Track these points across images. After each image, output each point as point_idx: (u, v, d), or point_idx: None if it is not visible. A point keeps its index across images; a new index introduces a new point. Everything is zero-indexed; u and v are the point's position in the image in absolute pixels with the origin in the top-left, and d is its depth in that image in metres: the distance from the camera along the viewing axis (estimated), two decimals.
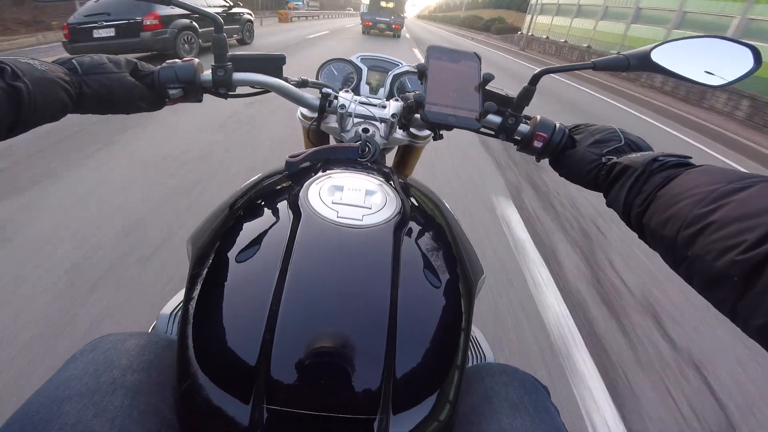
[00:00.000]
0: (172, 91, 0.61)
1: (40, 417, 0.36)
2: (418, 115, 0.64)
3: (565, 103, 6.69)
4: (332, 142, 0.91)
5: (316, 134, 0.85)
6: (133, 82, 0.56)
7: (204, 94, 0.66)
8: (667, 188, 0.39)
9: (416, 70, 0.58)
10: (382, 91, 0.92)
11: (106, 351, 0.43)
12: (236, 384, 0.37)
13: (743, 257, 0.29)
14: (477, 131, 0.57)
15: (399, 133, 0.75)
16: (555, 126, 0.60)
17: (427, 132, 0.80)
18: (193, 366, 0.39)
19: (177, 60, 0.62)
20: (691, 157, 0.43)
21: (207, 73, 0.64)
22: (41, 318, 1.47)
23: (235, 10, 8.50)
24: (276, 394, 0.35)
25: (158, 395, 0.41)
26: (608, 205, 0.49)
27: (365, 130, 0.69)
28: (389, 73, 0.93)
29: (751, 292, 0.28)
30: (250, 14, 9.63)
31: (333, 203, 0.47)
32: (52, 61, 0.51)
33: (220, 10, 6.58)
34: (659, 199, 0.40)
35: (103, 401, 0.37)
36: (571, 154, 0.56)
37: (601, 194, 0.52)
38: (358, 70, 0.94)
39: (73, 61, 0.52)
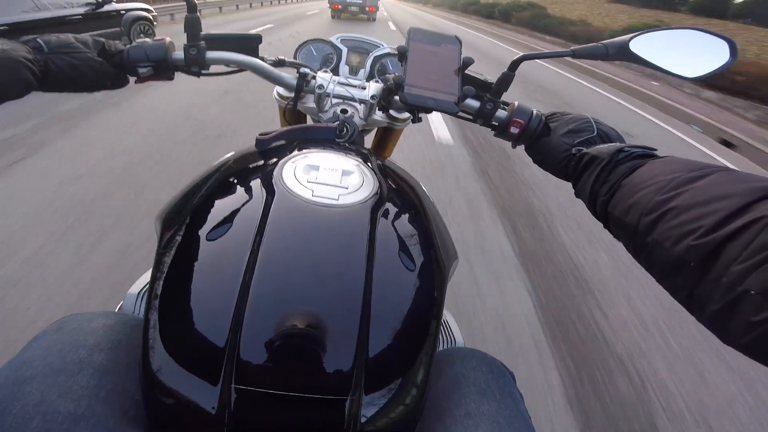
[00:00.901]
0: (141, 70, 0.60)
1: None
2: (397, 97, 0.64)
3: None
4: (309, 122, 0.89)
5: (292, 114, 0.83)
6: (100, 61, 0.57)
7: (176, 72, 0.64)
8: (631, 177, 0.40)
9: (397, 52, 0.57)
10: (362, 73, 0.90)
11: (71, 330, 0.42)
12: (204, 364, 0.36)
13: (699, 242, 0.29)
14: (455, 115, 0.57)
15: (378, 115, 0.74)
16: (532, 113, 0.59)
17: (406, 114, 0.79)
18: (160, 346, 0.38)
19: (147, 39, 0.61)
20: (656, 149, 0.43)
21: (179, 52, 0.63)
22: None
23: (110, 7, 5.43)
24: (245, 375, 0.35)
25: (126, 375, 0.40)
26: (576, 195, 0.49)
27: (344, 111, 0.68)
28: (370, 54, 0.91)
29: (707, 278, 0.28)
30: (147, 10, 6.36)
31: (308, 182, 0.46)
32: (17, 40, 0.51)
33: (81, 10, 4.73)
34: (623, 188, 0.40)
35: (69, 381, 0.36)
36: (545, 142, 0.56)
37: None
38: (338, 51, 0.92)
39: (38, 40, 0.53)
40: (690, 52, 0.56)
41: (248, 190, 0.47)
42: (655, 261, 0.34)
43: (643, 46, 0.55)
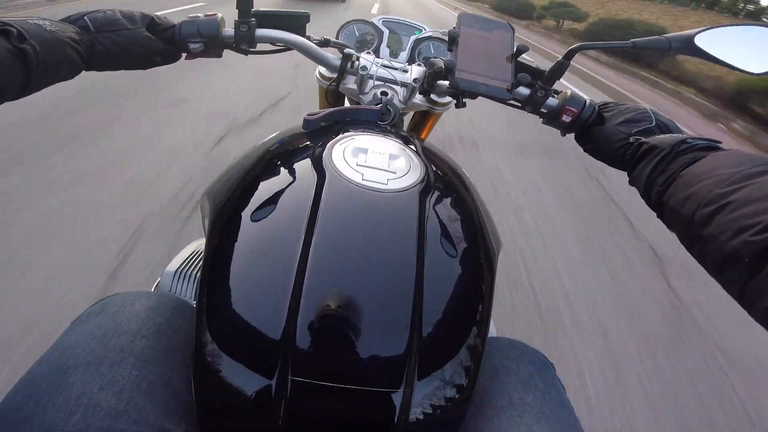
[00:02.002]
0: (193, 46, 0.60)
1: (43, 389, 0.34)
2: (443, 81, 0.63)
3: None
4: (347, 103, 0.88)
5: (333, 95, 0.83)
6: (149, 37, 0.56)
7: (225, 50, 0.64)
8: (691, 168, 0.39)
9: (440, 36, 0.56)
10: (403, 55, 0.89)
11: (113, 314, 0.41)
12: (260, 354, 0.35)
13: (756, 238, 0.28)
14: (505, 102, 0.56)
15: (418, 99, 0.74)
16: (585, 101, 0.58)
17: (447, 99, 0.78)
18: (214, 333, 0.37)
19: (199, 15, 0.61)
20: (720, 142, 0.42)
21: (229, 29, 0.62)
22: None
23: None
24: (301, 366, 0.34)
25: (169, 363, 0.39)
26: (630, 183, 0.48)
27: (384, 93, 0.68)
28: (411, 37, 0.90)
29: (760, 273, 0.28)
30: None
31: (358, 165, 0.46)
32: (64, 19, 0.50)
33: None
34: (681, 179, 0.39)
35: (111, 372, 0.35)
36: (599, 131, 0.55)
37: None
38: (379, 33, 0.91)
39: (86, 18, 0.51)
40: (757, 48, 0.54)
41: (298, 172, 0.47)
42: (708, 254, 0.33)
43: (708, 41, 0.52)
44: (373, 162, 0.47)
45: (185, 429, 0.37)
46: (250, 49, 0.64)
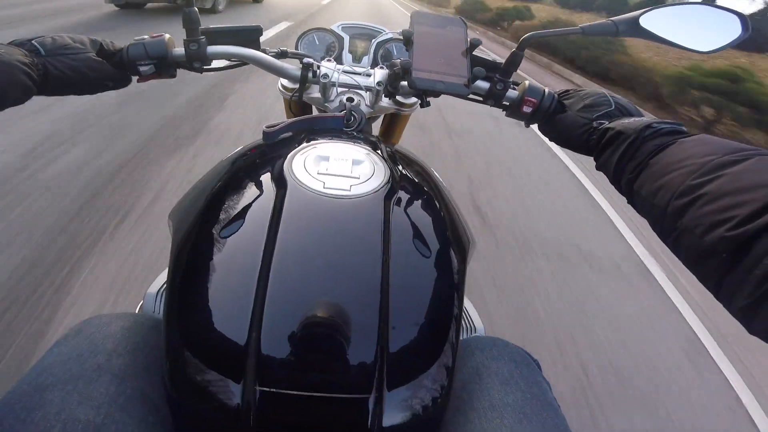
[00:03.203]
0: (143, 68, 0.59)
1: (21, 405, 0.34)
2: (405, 83, 0.63)
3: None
4: (315, 112, 0.88)
5: (298, 106, 0.82)
6: (100, 61, 0.55)
7: (178, 69, 0.63)
8: (660, 156, 0.39)
9: (401, 37, 0.56)
10: (366, 60, 0.89)
11: (90, 335, 0.42)
12: (226, 364, 0.35)
13: (733, 233, 0.28)
14: (465, 97, 0.56)
15: (385, 101, 0.74)
16: (544, 91, 0.59)
17: (413, 99, 0.78)
18: (182, 347, 0.38)
19: (145, 36, 0.60)
20: (683, 125, 0.42)
21: (180, 48, 0.61)
22: None
23: None
24: (267, 374, 0.34)
25: (145, 379, 0.39)
26: (598, 168, 0.48)
27: (350, 99, 0.67)
28: (373, 40, 0.90)
29: (737, 269, 0.28)
30: None
31: (319, 174, 0.45)
32: (9, 43, 0.48)
33: None
34: (651, 167, 0.39)
35: (88, 388, 0.36)
36: (561, 119, 0.55)
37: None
38: (340, 39, 0.91)
39: (34, 42, 0.50)
40: (702, 27, 0.55)
41: (259, 185, 0.46)
42: (683, 247, 0.33)
43: (653, 21, 0.53)
44: (336, 169, 0.47)
45: None
46: (204, 67, 0.63)
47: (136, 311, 0.58)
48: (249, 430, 0.34)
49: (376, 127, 1.00)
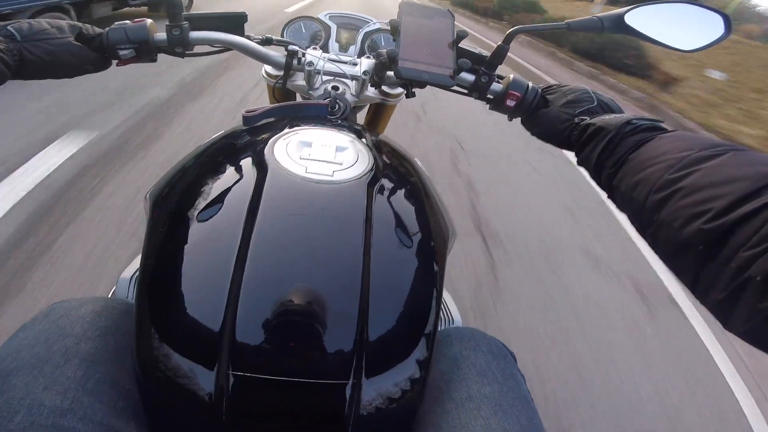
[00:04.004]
0: (123, 52, 0.58)
1: None
2: (390, 73, 0.62)
3: None
4: (299, 100, 0.87)
5: (282, 93, 0.81)
6: (79, 45, 0.55)
7: (159, 54, 0.62)
8: (639, 152, 0.39)
9: (388, 28, 0.55)
10: (353, 49, 0.88)
11: (58, 318, 0.41)
12: (199, 349, 0.35)
13: (709, 226, 0.28)
14: (450, 89, 0.56)
15: (371, 91, 0.73)
16: (528, 85, 0.59)
17: (399, 90, 0.78)
18: (153, 331, 0.37)
19: (127, 21, 0.59)
20: (663, 122, 0.43)
21: (161, 33, 0.60)
22: None
23: None
24: (242, 359, 0.34)
25: (116, 364, 0.39)
26: (579, 163, 0.49)
27: (335, 88, 0.67)
28: (360, 30, 0.89)
29: (713, 262, 0.28)
30: None
31: (301, 158, 0.45)
32: None
33: None
34: (630, 162, 0.39)
35: (55, 373, 0.35)
36: (544, 114, 0.55)
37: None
38: (327, 28, 0.90)
39: (9, 27, 0.50)
40: (685, 25, 0.56)
41: (239, 168, 0.46)
42: (661, 240, 0.34)
43: (638, 19, 0.54)
44: (318, 155, 0.46)
45: (135, 427, 0.36)
46: (187, 52, 0.62)
47: (108, 296, 0.57)
48: (222, 415, 0.34)
49: (361, 118, 1.00)
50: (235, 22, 0.66)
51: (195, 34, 0.62)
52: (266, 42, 0.69)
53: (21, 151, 1.93)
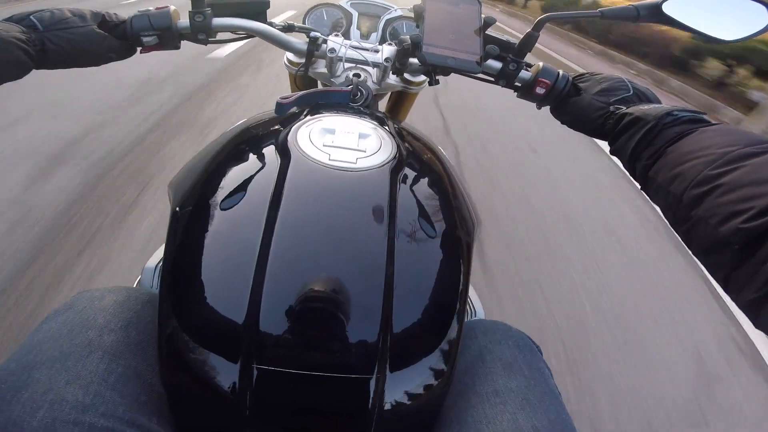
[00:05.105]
0: (146, 39, 0.58)
1: (8, 385, 0.33)
2: (413, 59, 0.61)
3: None
4: (320, 87, 0.87)
5: (303, 80, 0.81)
6: (102, 33, 0.55)
7: (182, 41, 0.62)
8: (679, 144, 0.38)
9: (410, 15, 0.54)
10: (374, 36, 0.87)
11: (81, 310, 0.40)
12: (223, 342, 0.34)
13: (748, 225, 0.27)
14: (476, 76, 0.55)
15: (392, 79, 0.72)
16: (558, 73, 0.57)
17: (422, 77, 0.76)
18: (176, 323, 0.36)
19: (150, 8, 0.59)
20: (705, 114, 0.41)
21: (185, 20, 0.60)
22: None
23: None
24: (266, 353, 0.33)
25: (138, 356, 0.38)
26: (612, 153, 0.47)
27: (357, 75, 0.66)
28: (382, 17, 0.88)
29: (748, 262, 0.27)
30: None
31: (324, 146, 0.44)
32: (6, 19, 0.48)
33: None
34: (669, 155, 0.38)
35: (77, 366, 0.35)
36: (576, 102, 0.54)
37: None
38: (348, 15, 0.88)
39: (32, 17, 0.50)
40: (726, 15, 0.53)
41: (261, 157, 0.45)
42: (696, 236, 0.32)
43: (676, 8, 0.52)
44: (341, 142, 0.45)
45: (157, 421, 0.36)
46: (209, 39, 0.62)
47: (134, 286, 0.58)
48: (245, 409, 0.33)
49: (382, 106, 0.99)
50: (257, 9, 0.65)
51: (218, 21, 0.62)
52: (288, 29, 0.69)
53: None
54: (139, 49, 0.60)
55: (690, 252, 0.34)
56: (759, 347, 1.55)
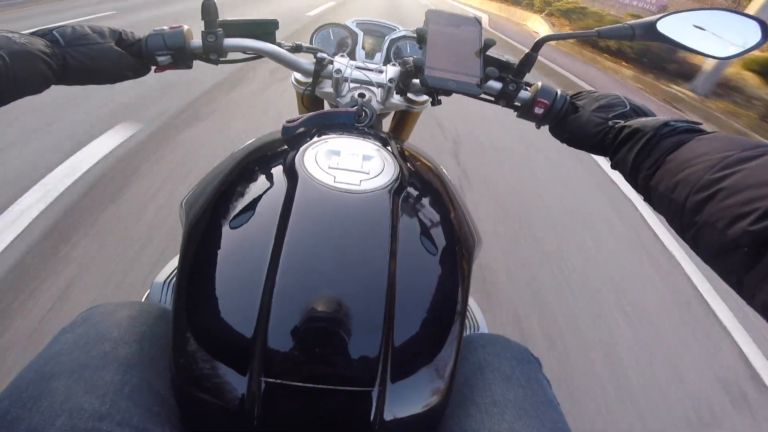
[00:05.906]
0: (160, 58, 0.59)
1: (28, 394, 0.34)
2: (416, 80, 0.63)
3: None
4: (326, 107, 0.88)
5: (310, 100, 0.83)
6: (119, 51, 0.55)
7: (194, 60, 0.64)
8: (677, 153, 0.38)
9: (414, 35, 0.56)
10: (379, 56, 0.89)
11: (96, 323, 0.42)
12: (233, 355, 0.36)
13: (756, 227, 0.28)
14: (477, 97, 0.56)
15: (396, 98, 0.74)
16: (557, 93, 0.58)
17: (424, 97, 0.78)
18: (189, 337, 0.38)
19: (164, 27, 0.60)
20: (701, 123, 0.42)
21: (197, 40, 0.62)
22: None
23: None
24: (273, 366, 0.35)
25: (151, 369, 0.39)
26: (613, 167, 0.48)
27: (361, 95, 0.68)
28: (386, 38, 0.90)
29: (761, 263, 0.27)
30: None
31: (330, 168, 0.46)
32: (32, 32, 0.49)
33: None
34: (668, 164, 0.39)
35: (94, 377, 0.36)
36: (575, 119, 0.55)
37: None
38: (354, 35, 0.91)
39: (55, 32, 0.50)
40: (719, 32, 0.55)
41: (270, 177, 0.47)
42: (704, 241, 0.33)
43: (670, 26, 0.53)
44: (346, 164, 0.47)
45: (169, 431, 0.37)
46: (221, 59, 0.64)
47: (142, 300, 0.59)
48: (253, 420, 0.34)
49: (386, 124, 1.01)
50: (267, 29, 0.67)
51: (229, 41, 0.63)
52: (296, 49, 0.71)
53: None
54: (153, 67, 0.61)
55: (699, 258, 0.34)
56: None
